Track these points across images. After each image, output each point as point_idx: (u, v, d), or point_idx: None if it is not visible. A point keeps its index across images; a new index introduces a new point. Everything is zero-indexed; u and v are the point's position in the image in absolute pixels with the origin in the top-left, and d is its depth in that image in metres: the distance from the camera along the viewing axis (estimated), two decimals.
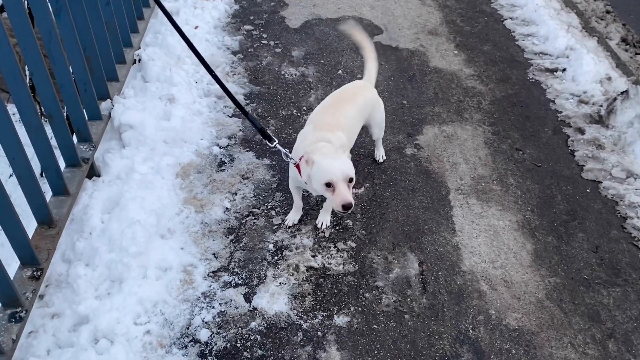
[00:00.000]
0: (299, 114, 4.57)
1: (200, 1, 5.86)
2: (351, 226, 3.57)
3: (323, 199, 3.51)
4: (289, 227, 3.52)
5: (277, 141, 3.06)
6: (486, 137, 4.47)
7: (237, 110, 4.57)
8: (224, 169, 3.96)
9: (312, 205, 3.71)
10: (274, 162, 4.04)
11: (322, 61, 5.40)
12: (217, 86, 4.53)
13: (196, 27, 5.37)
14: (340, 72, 5.22)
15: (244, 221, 3.56)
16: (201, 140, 4.11)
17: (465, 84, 5.17)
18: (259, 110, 4.60)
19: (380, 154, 4.14)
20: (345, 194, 2.64)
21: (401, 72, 5.31)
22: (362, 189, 3.87)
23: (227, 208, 3.63)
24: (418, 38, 5.92)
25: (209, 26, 5.56)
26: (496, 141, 4.42)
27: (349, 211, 2.66)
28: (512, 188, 3.95)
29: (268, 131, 3.55)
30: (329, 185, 2.69)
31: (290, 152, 3.09)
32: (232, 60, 5.26)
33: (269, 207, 3.68)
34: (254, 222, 3.56)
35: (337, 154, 2.78)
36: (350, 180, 2.70)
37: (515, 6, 6.72)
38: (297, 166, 2.94)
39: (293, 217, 3.57)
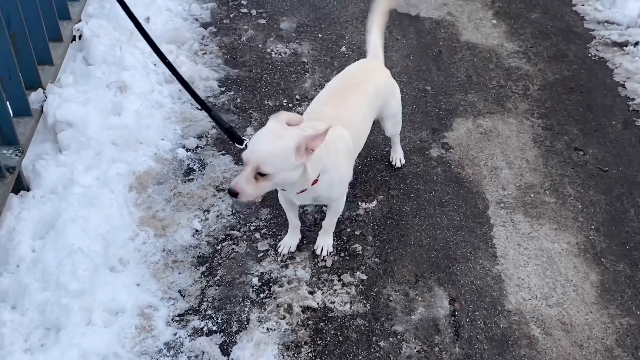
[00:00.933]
0: (290, 105, 4.61)
1: None
2: (361, 252, 3.59)
3: (322, 216, 3.54)
4: (284, 255, 3.55)
5: (247, 140, 2.96)
6: (535, 133, 4.51)
7: (207, 100, 4.60)
8: (192, 179, 3.98)
9: (309, 225, 3.73)
10: None
11: (319, 35, 5.44)
12: (183, 69, 4.60)
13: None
14: (343, 49, 5.27)
15: (219, 247, 3.58)
16: (162, 141, 4.14)
17: (507, 64, 5.21)
18: (238, 100, 4.64)
19: (397, 156, 4.17)
20: (238, 179, 2.66)
21: (423, 48, 5.36)
22: (374, 202, 3.89)
23: (196, 230, 3.65)
24: (445, 3, 5.98)
25: None
26: (548, 138, 4.46)
27: (239, 201, 2.69)
28: (571, 200, 3.99)
29: (239, 132, 3.45)
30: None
31: None
32: (202, 35, 5.30)
33: (252, 228, 3.70)
34: (233, 249, 3.58)
35: (283, 138, 2.68)
36: (260, 174, 2.65)
37: None
38: None
39: (289, 241, 3.58)
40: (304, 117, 3.17)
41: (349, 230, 3.71)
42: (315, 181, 2.92)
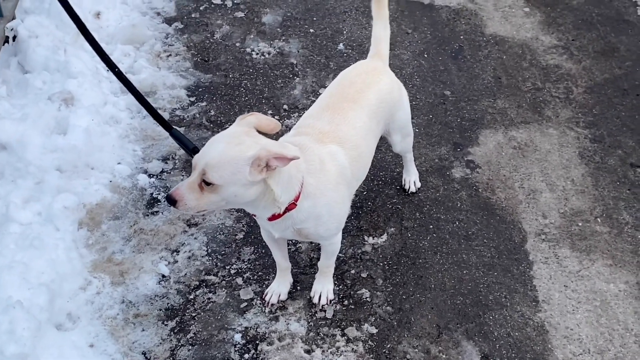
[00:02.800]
0: (277, 117, 4.68)
1: None
2: (369, 299, 3.64)
3: (319, 255, 3.58)
4: (273, 305, 3.59)
5: None
6: (582, 146, 4.59)
7: (174, 114, 4.67)
8: (156, 212, 4.03)
9: (303, 266, 3.78)
10: None
11: (311, 30, 5.54)
12: (143, 75, 4.68)
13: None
14: (341, 47, 5.36)
15: (192, 297, 3.61)
16: (119, 166, 4.20)
17: (544, 62, 5.32)
18: (211, 112, 4.70)
19: (410, 178, 4.23)
20: (180, 184, 2.73)
21: (440, 44, 5.46)
22: (384, 236, 3.95)
23: (163, 276, 3.69)
24: None
25: None
26: (598, 153, 4.54)
27: (179, 209, 2.72)
28: (628, 229, 4.06)
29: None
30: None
31: None
32: (166, 32, 5.39)
33: (232, 271, 3.75)
34: (209, 298, 3.62)
35: (241, 145, 2.70)
36: (206, 182, 2.68)
37: None
38: None
39: (278, 288, 3.62)
40: (292, 131, 3.23)
41: (353, 271, 3.76)
42: (293, 205, 2.92)
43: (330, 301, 3.60)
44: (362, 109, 3.37)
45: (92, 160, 4.12)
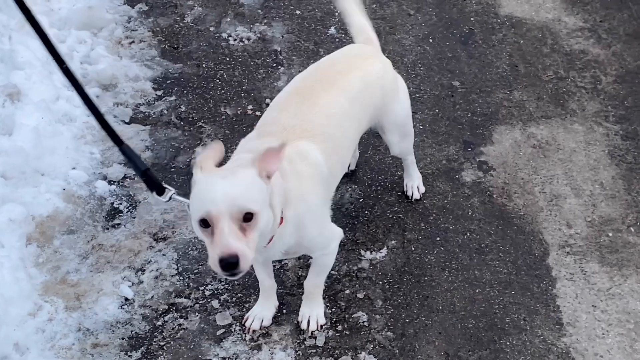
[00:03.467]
0: (258, 113, 4.69)
1: None
2: (366, 323, 3.63)
3: (307, 273, 3.57)
4: (254, 331, 3.58)
5: (173, 191, 3.04)
6: (612, 144, 4.60)
7: (139, 110, 4.65)
8: (118, 224, 4.02)
9: (290, 286, 3.77)
10: None
11: (297, 12, 5.54)
12: (101, 66, 4.69)
13: None
14: (332, 31, 5.37)
15: (160, 323, 3.60)
16: (74, 171, 4.18)
17: (567, 47, 5.33)
18: (182, 108, 4.70)
19: (413, 184, 4.25)
20: (227, 238, 2.60)
21: (447, 27, 5.47)
22: (384, 250, 3.94)
23: (127, 299, 3.68)
24: None
25: None
26: (631, 152, 4.55)
27: (237, 275, 2.63)
28: None
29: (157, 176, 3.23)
30: (206, 225, 2.70)
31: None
32: (128, 16, 5.38)
33: (207, 293, 3.74)
34: (180, 325, 3.60)
35: (239, 170, 2.75)
36: (248, 216, 2.64)
37: None
38: None
39: (261, 312, 3.62)
40: (254, 131, 3.24)
41: (348, 292, 3.76)
42: (281, 220, 2.92)
43: (322, 326, 3.59)
44: (340, 92, 3.35)
45: (42, 165, 4.10)
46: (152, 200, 4.11)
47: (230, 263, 2.56)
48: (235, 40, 5.25)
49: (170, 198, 3.02)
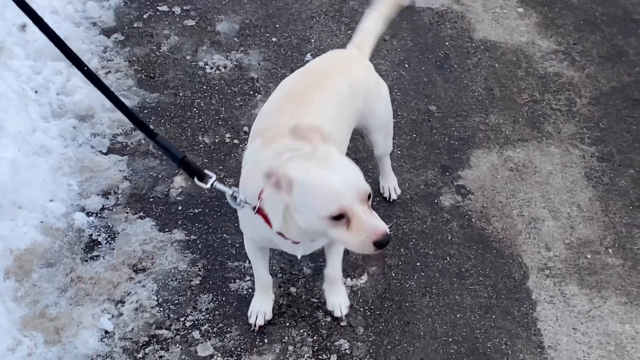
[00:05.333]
0: (236, 141, 4.71)
1: None
2: (348, 351, 3.64)
3: (288, 301, 3.59)
4: (260, 326, 3.68)
5: (214, 177, 3.15)
6: (588, 166, 4.66)
7: (116, 140, 4.66)
8: (97, 256, 4.01)
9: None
10: (193, 235, 4.13)
11: (273, 39, 5.58)
12: (78, 97, 4.68)
13: None
14: (308, 57, 5.40)
15: (140, 355, 3.59)
16: (51, 203, 4.17)
17: (542, 69, 5.40)
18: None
19: (390, 185, 4.34)
20: (372, 221, 2.74)
21: (423, 52, 5.52)
22: (364, 277, 3.96)
23: (106, 332, 3.67)
24: None
25: None
26: (607, 173, 4.61)
27: (384, 248, 2.77)
28: None
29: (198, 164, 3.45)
30: (338, 217, 2.75)
31: (238, 193, 3.13)
32: (104, 46, 5.40)
33: (187, 324, 3.74)
34: (161, 357, 3.60)
35: (329, 156, 2.84)
36: (369, 196, 2.79)
37: None
38: (260, 212, 3.04)
39: (260, 306, 3.70)
40: (256, 139, 3.28)
41: (329, 319, 3.77)
42: None
43: (347, 307, 3.76)
44: (330, 94, 3.45)
45: (20, 198, 4.10)
46: (130, 231, 4.12)
47: (387, 240, 2.71)
48: (212, 68, 5.27)
49: (212, 185, 3.10)
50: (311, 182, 2.74)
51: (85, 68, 3.23)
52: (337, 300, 3.75)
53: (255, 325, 3.69)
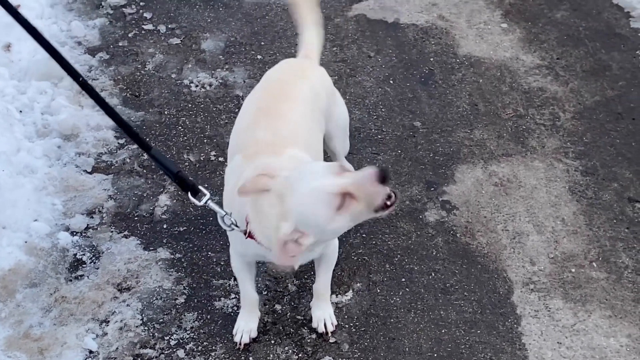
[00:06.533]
0: (221, 158, 4.72)
1: None
2: None
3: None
4: (245, 344, 3.69)
5: (208, 195, 3.18)
6: (572, 180, 4.69)
7: (101, 159, 4.67)
8: (81, 275, 4.01)
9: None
10: (178, 254, 4.13)
11: (258, 57, 5.61)
12: (62, 116, 4.69)
13: (17, 7, 5.51)
14: None
15: None
16: (35, 223, 4.18)
17: (525, 84, 5.44)
18: (144, 156, 4.69)
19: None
20: (359, 173, 2.82)
21: (407, 68, 5.56)
22: (349, 293, 3.97)
23: (91, 352, 3.67)
24: (434, 3, 6.21)
25: (41, 4, 5.73)
26: (591, 187, 4.64)
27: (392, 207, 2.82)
28: (629, 274, 4.13)
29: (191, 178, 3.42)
30: (344, 195, 2.77)
31: (230, 216, 3.18)
32: (89, 65, 5.42)
33: (172, 342, 3.74)
34: None
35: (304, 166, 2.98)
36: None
37: None
38: (251, 235, 3.09)
39: (246, 325, 3.73)
40: (235, 157, 3.36)
41: (314, 336, 3.78)
42: None
43: (336, 326, 3.75)
44: (298, 101, 3.58)
45: (4, 218, 4.10)
46: (115, 250, 4.12)
47: (385, 173, 2.75)
48: (197, 86, 5.29)
49: (205, 203, 3.14)
50: (303, 175, 2.87)
51: (81, 79, 3.24)
52: (322, 315, 3.77)
53: (240, 344, 3.70)
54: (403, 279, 4.06)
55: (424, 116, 5.11)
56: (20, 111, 4.74)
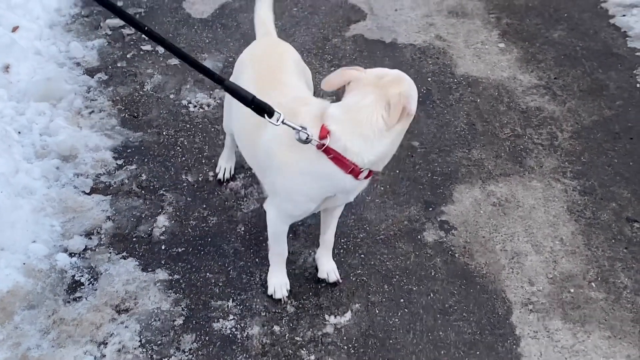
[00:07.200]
0: (220, 180, 4.72)
1: None
2: None
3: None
4: (285, 299, 3.97)
5: (282, 114, 3.29)
6: (570, 200, 4.69)
7: (99, 180, 4.66)
8: (79, 297, 3.99)
9: (254, 354, 3.76)
10: (176, 275, 4.13)
11: None
12: (61, 137, 4.69)
13: (15, 29, 5.55)
14: None
15: None
16: (34, 245, 4.17)
17: (523, 104, 5.46)
18: (142, 177, 4.72)
19: None
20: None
21: None
22: (348, 314, 3.95)
23: None
24: (432, 24, 6.26)
25: (40, 25, 5.78)
26: (589, 207, 4.65)
27: None
28: (627, 294, 4.13)
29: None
30: None
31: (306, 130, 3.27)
32: (87, 85, 5.43)
33: None
34: None
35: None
36: None
37: None
38: (330, 152, 3.25)
39: (281, 280, 4.01)
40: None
41: (313, 357, 3.76)
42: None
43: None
44: (291, 71, 3.84)
45: (2, 240, 4.09)
46: (113, 272, 4.11)
47: None
48: (195, 106, 5.30)
49: (282, 122, 3.25)
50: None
51: (146, 28, 3.24)
52: (331, 267, 4.08)
53: (283, 301, 3.96)
54: (402, 300, 4.06)
55: (422, 136, 5.12)
56: (19, 132, 4.74)
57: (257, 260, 4.18)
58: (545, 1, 6.61)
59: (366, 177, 3.39)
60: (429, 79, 5.64)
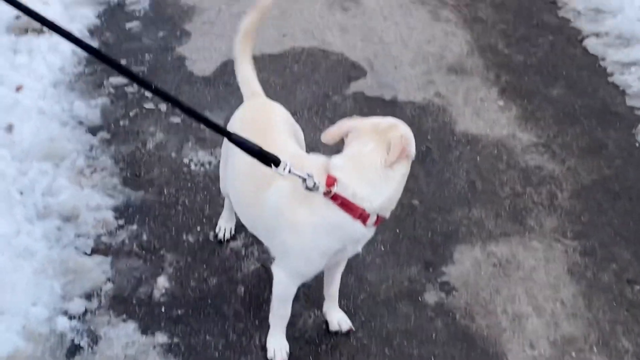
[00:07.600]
0: (221, 240, 4.72)
1: (24, 38, 6.16)
2: None
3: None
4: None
5: (288, 164, 3.34)
6: (571, 261, 4.69)
7: (100, 240, 4.67)
8: None
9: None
10: (175, 338, 4.11)
11: None
12: (63, 197, 4.71)
13: (19, 88, 5.60)
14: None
15: None
16: (34, 308, 4.15)
17: (523, 162, 5.48)
18: (143, 237, 4.72)
19: None
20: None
21: None
22: None
23: None
24: (431, 81, 6.31)
25: (44, 84, 5.83)
26: (590, 268, 4.64)
27: None
28: (629, 358, 4.10)
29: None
30: None
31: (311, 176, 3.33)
32: (90, 144, 5.46)
33: None
34: None
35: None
36: None
37: (602, 12, 7.30)
38: (337, 199, 3.35)
39: (280, 343, 3.95)
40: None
41: None
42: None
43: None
44: (284, 133, 3.88)
45: (2, 302, 4.08)
46: (112, 335, 4.09)
47: None
48: (196, 165, 5.33)
49: (286, 170, 3.31)
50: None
51: (153, 87, 3.49)
52: (342, 316, 4.13)
53: None
54: None
55: (421, 194, 5.14)
56: (21, 192, 4.76)
57: (256, 322, 4.15)
58: (544, 59, 6.67)
59: (374, 224, 3.45)
60: (429, 137, 5.67)
